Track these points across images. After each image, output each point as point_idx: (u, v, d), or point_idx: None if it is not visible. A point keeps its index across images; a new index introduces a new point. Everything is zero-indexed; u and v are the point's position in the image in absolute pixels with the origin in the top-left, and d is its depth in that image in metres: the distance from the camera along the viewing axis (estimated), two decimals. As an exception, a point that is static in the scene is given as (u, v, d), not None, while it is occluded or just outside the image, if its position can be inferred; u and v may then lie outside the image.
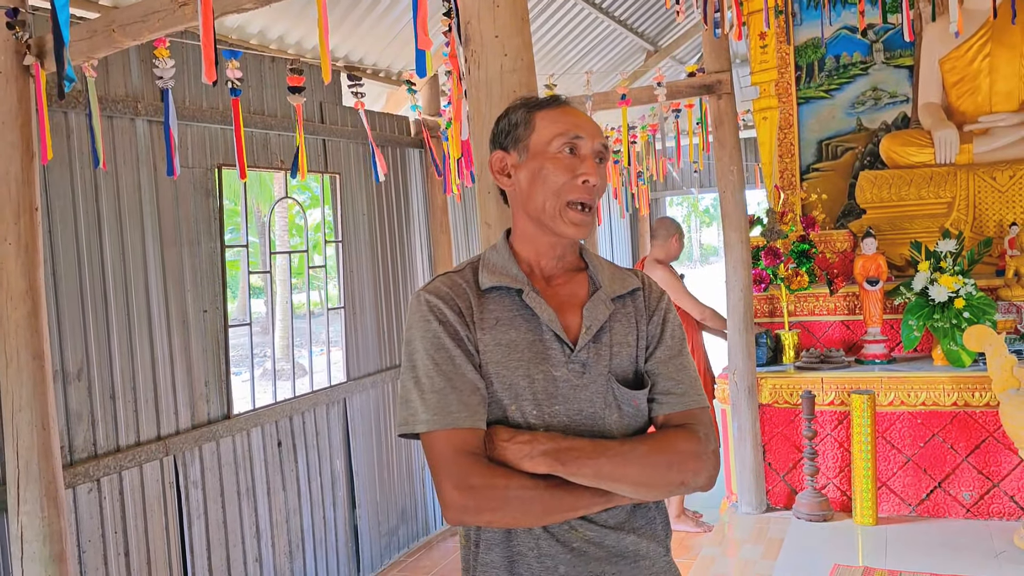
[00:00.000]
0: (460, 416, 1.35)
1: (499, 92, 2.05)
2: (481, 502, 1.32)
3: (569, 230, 1.44)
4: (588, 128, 1.46)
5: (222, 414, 3.95)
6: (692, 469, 1.41)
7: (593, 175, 1.44)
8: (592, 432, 1.41)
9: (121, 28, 2.75)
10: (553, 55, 6.90)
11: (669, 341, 1.51)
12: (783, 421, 4.91)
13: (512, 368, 1.40)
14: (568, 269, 1.52)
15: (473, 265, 1.50)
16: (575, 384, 1.41)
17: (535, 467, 1.33)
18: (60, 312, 3.26)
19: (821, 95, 6.29)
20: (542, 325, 1.43)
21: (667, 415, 1.47)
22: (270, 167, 4.26)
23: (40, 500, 2.94)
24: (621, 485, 1.37)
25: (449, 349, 1.38)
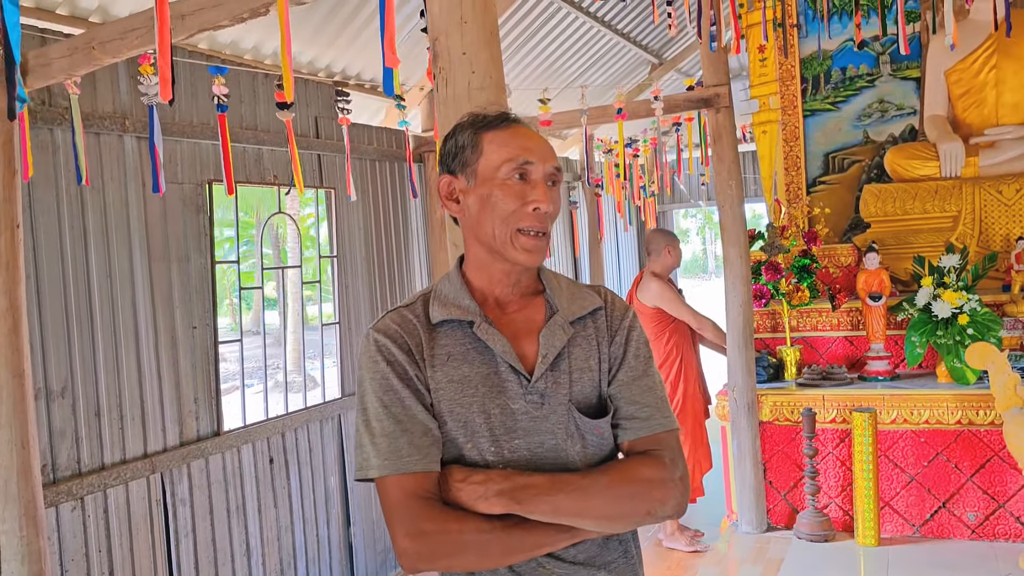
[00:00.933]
0: (411, 460, 1.30)
1: (467, 109, 2.00)
2: (435, 548, 1.27)
3: (520, 257, 1.38)
4: (539, 151, 1.39)
5: (212, 431, 3.92)
6: (658, 498, 1.35)
7: (545, 202, 1.37)
8: (555, 465, 1.35)
9: (101, 46, 2.73)
10: (555, 69, 6.87)
11: (632, 361, 1.43)
12: (784, 439, 4.83)
13: (466, 405, 1.34)
14: (524, 294, 1.45)
15: (425, 297, 1.43)
16: (534, 416, 1.36)
17: (490, 508, 1.28)
18: (44, 329, 3.25)
19: (827, 107, 6.22)
20: (496, 357, 1.37)
21: (632, 441, 1.40)
22: (263, 182, 4.24)
23: (19, 519, 2.91)
24: (583, 520, 1.32)
25: (398, 390, 1.33)
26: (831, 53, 6.21)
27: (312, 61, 4.97)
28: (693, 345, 5.00)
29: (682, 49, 7.77)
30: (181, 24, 2.56)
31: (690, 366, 4.88)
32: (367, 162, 5.01)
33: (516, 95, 6.50)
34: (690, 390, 4.85)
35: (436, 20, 2.07)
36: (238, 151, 4.10)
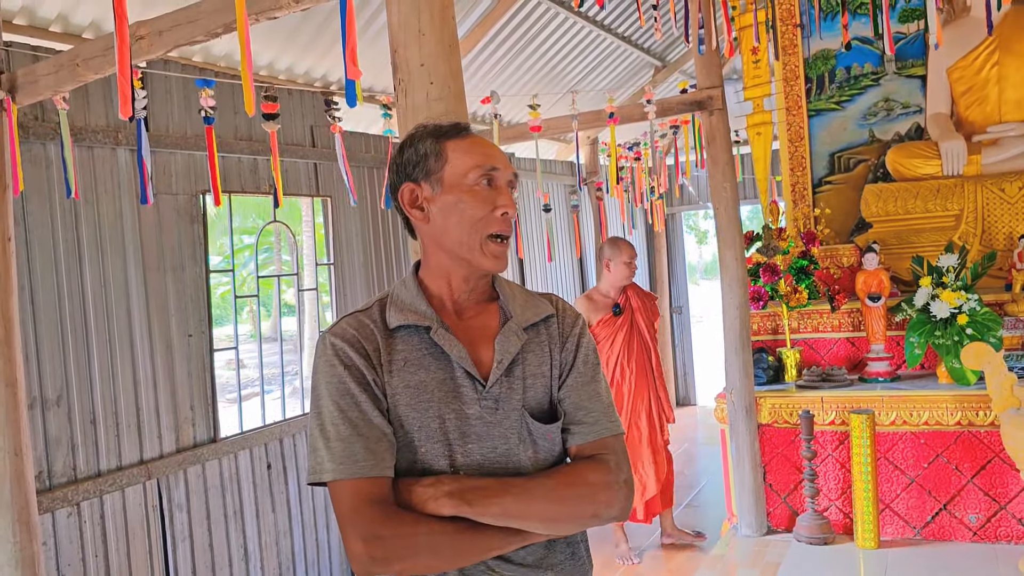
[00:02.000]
0: (366, 465, 1.32)
1: (425, 119, 2.04)
2: (389, 552, 1.29)
3: (489, 263, 1.42)
4: (501, 158, 1.45)
5: (208, 438, 3.98)
6: (603, 501, 1.38)
7: (511, 206, 1.43)
8: (506, 470, 1.38)
9: (84, 62, 2.80)
10: (554, 74, 6.89)
11: (581, 367, 1.47)
12: (783, 441, 4.81)
13: (422, 410, 1.37)
14: (480, 300, 1.49)
15: (381, 302, 1.45)
16: (488, 421, 1.38)
17: (439, 509, 1.31)
18: (39, 339, 3.32)
19: (832, 107, 6.19)
20: (452, 363, 1.39)
21: (579, 446, 1.44)
22: (258, 192, 4.30)
23: (12, 526, 2.98)
24: (530, 522, 1.35)
25: (355, 395, 1.34)
26: (835, 52, 6.18)
27: (308, 71, 5.04)
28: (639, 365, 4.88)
29: (685, 51, 7.75)
30: (159, 40, 2.63)
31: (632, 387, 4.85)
32: (364, 169, 5.06)
33: (515, 101, 6.53)
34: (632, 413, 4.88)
35: (395, 32, 2.10)
36: (232, 161, 4.16)
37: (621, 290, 4.90)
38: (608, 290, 4.87)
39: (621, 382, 4.80)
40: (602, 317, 4.82)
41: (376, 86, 5.48)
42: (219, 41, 4.33)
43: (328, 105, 3.65)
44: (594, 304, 4.84)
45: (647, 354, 4.89)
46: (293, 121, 4.53)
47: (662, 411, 4.95)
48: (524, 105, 6.18)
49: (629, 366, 4.81)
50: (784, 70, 6.05)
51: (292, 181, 4.52)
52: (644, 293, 5.06)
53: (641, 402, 4.80)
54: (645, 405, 4.83)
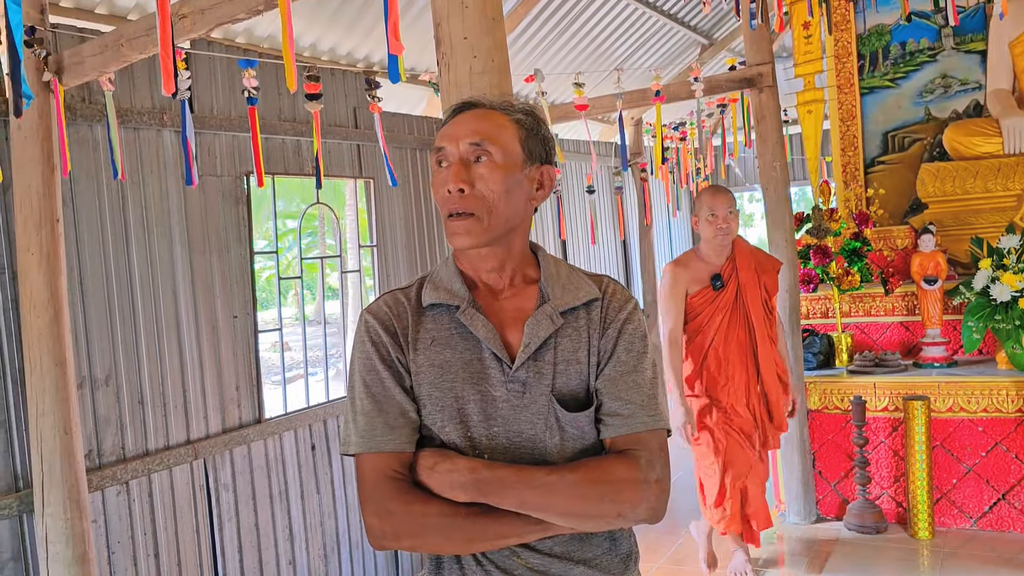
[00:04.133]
0: (384, 440, 1.33)
1: (468, 94, 1.99)
2: (399, 528, 1.30)
3: (453, 241, 1.37)
4: (453, 133, 1.37)
5: (253, 418, 4.00)
6: (628, 500, 1.31)
7: (452, 182, 1.33)
8: (531, 455, 1.34)
9: (128, 43, 2.80)
10: (599, 53, 6.78)
11: (623, 356, 1.39)
12: (834, 428, 4.70)
13: (445, 389, 1.35)
14: (518, 281, 1.43)
15: (422, 280, 1.45)
16: (515, 404, 1.35)
17: (456, 496, 1.30)
18: (88, 319, 3.36)
19: (886, 84, 6.00)
20: (481, 343, 1.36)
21: (612, 439, 1.37)
22: (301, 173, 4.30)
23: (63, 503, 3.02)
24: (550, 515, 1.30)
25: (379, 371, 1.35)
26: (889, 27, 5.98)
27: (350, 52, 5.02)
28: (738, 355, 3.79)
29: (732, 29, 7.58)
30: (201, 19, 2.61)
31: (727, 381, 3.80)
32: (407, 151, 5.03)
33: (558, 80, 6.44)
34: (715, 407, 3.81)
35: (438, 4, 2.05)
36: (276, 143, 4.16)
37: (726, 254, 3.78)
38: (707, 253, 3.81)
39: (716, 374, 3.79)
40: (698, 290, 3.77)
41: (419, 66, 5.44)
42: (262, 21, 4.33)
43: (369, 85, 3.61)
44: (689, 271, 3.79)
45: (750, 343, 3.79)
46: (336, 102, 4.51)
47: (765, 417, 3.85)
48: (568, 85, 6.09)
49: (726, 357, 3.78)
50: (836, 46, 5.87)
51: (335, 163, 4.50)
52: (762, 260, 3.88)
53: (738, 402, 3.78)
54: (743, 405, 3.79)
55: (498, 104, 1.42)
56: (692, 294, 3.77)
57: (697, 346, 3.81)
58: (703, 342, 3.79)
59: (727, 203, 3.69)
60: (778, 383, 3.85)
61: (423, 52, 5.30)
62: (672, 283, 3.78)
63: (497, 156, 1.36)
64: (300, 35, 4.63)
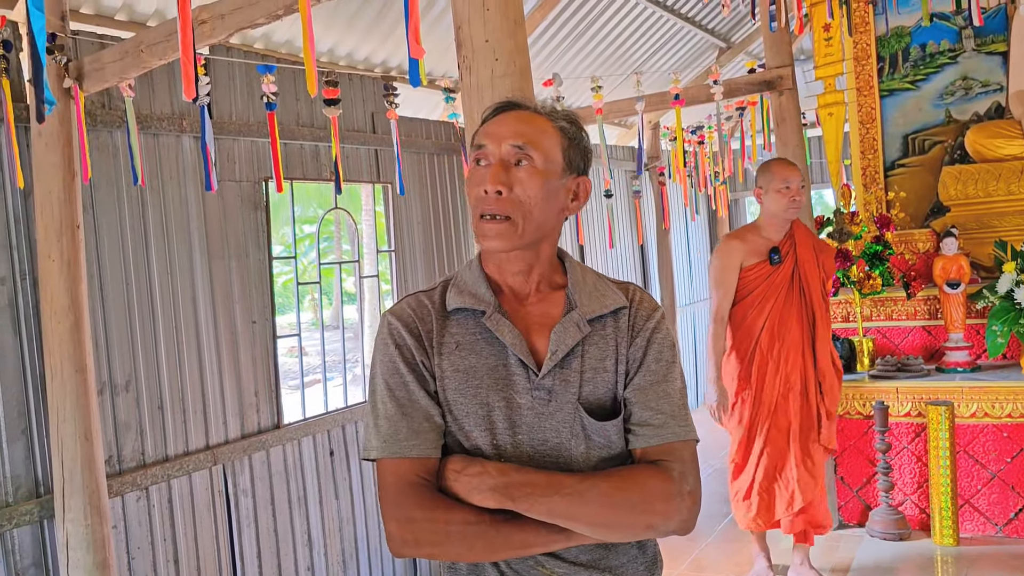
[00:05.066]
0: (408, 445, 1.30)
1: (490, 98, 1.99)
2: (420, 535, 1.28)
3: (483, 243, 1.35)
4: (497, 133, 1.34)
5: (272, 424, 4.00)
6: (660, 511, 1.30)
7: (490, 183, 1.31)
8: (556, 463, 1.32)
9: (148, 48, 2.81)
10: (616, 56, 6.76)
11: (652, 365, 1.37)
12: (856, 433, 4.64)
13: (470, 396, 1.33)
14: (544, 287, 1.41)
15: (445, 284, 1.42)
16: (540, 412, 1.33)
17: (483, 501, 1.27)
18: (108, 325, 3.37)
19: (906, 87, 5.94)
20: (507, 349, 1.34)
21: (643, 449, 1.35)
22: (319, 178, 4.30)
23: (84, 508, 3.03)
24: (578, 525, 1.28)
25: (403, 375, 1.33)
26: (909, 29, 5.92)
27: (368, 57, 5.02)
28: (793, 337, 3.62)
29: (750, 31, 7.54)
30: (221, 23, 2.62)
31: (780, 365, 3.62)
32: (424, 156, 5.03)
33: (576, 84, 6.42)
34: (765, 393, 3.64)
35: (459, 8, 2.05)
36: (295, 148, 4.16)
37: (785, 231, 3.64)
38: (767, 228, 3.64)
39: (767, 356, 3.59)
40: (755, 263, 3.60)
41: (436, 70, 5.44)
42: (280, 27, 4.33)
43: (387, 90, 3.61)
44: (746, 244, 3.64)
45: (808, 324, 3.62)
46: (354, 107, 4.52)
47: (821, 405, 3.66)
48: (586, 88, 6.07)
49: (780, 337, 3.58)
50: (855, 49, 5.82)
51: (353, 168, 4.51)
52: (819, 243, 3.84)
53: (791, 388, 3.60)
54: (797, 393, 3.61)
55: (543, 108, 1.40)
56: (747, 267, 3.61)
57: (748, 326, 3.61)
58: (756, 321, 3.60)
59: (799, 175, 3.57)
60: (833, 370, 3.68)
61: (443, 56, 5.30)
62: (727, 254, 3.64)
63: (538, 161, 1.33)
64: (318, 39, 4.63)
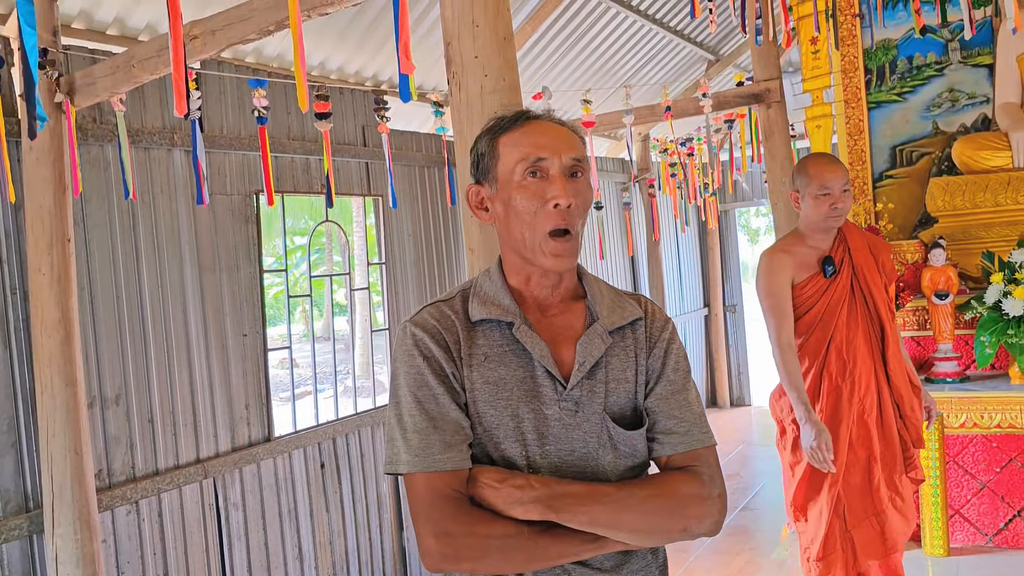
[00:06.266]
0: (442, 458, 1.29)
1: (479, 113, 2.01)
2: (460, 550, 1.27)
3: (549, 263, 1.34)
4: (552, 145, 1.34)
5: (263, 436, 4.00)
6: (695, 515, 1.34)
7: (563, 196, 1.32)
8: (584, 473, 1.34)
9: (140, 63, 2.82)
10: (606, 69, 6.80)
11: (672, 375, 1.41)
12: (846, 444, 4.65)
13: (500, 408, 1.33)
14: (565, 298, 1.42)
15: (464, 294, 1.41)
16: (567, 423, 1.34)
17: (526, 514, 1.27)
18: (98, 339, 3.36)
19: (893, 98, 5.98)
20: (534, 361, 1.35)
21: (669, 456, 1.39)
22: (310, 191, 4.31)
23: (73, 523, 3.02)
24: (619, 532, 1.30)
25: (433, 387, 1.31)
26: (896, 42, 5.97)
27: (359, 71, 5.05)
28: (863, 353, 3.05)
29: (739, 44, 7.60)
30: (212, 39, 2.63)
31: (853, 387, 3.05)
32: (415, 169, 5.04)
33: (567, 96, 6.46)
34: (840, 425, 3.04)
35: (448, 24, 2.06)
36: (286, 161, 4.18)
37: (834, 235, 3.08)
38: (811, 236, 3.09)
39: (837, 382, 3.04)
40: (807, 278, 3.06)
41: (427, 84, 5.47)
42: (271, 42, 4.36)
43: (378, 104, 3.63)
44: (792, 256, 3.08)
45: (876, 339, 3.07)
46: (345, 121, 4.53)
47: (903, 431, 3.08)
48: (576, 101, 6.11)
49: (848, 354, 3.03)
50: (843, 61, 5.86)
51: (344, 181, 4.52)
52: (873, 239, 3.24)
53: (867, 412, 3.03)
54: (873, 421, 3.03)
55: (561, 121, 1.42)
56: (799, 283, 3.07)
57: (813, 348, 3.08)
58: (818, 344, 3.07)
59: (842, 177, 3.01)
60: (910, 387, 3.12)
61: (432, 70, 5.33)
62: (774, 272, 3.07)
63: (587, 174, 1.38)
64: (309, 54, 4.65)
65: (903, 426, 3.08)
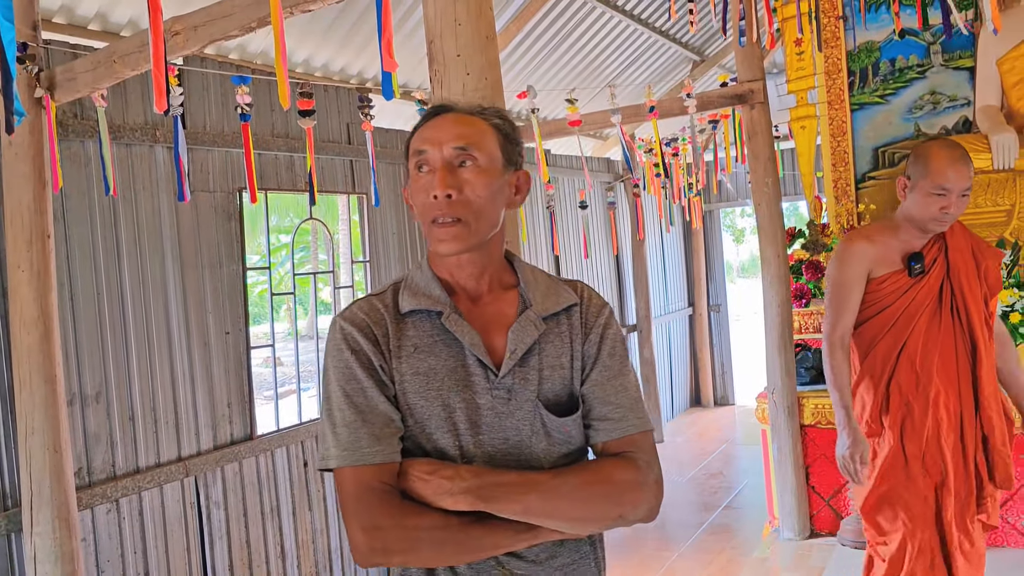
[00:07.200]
0: (371, 451, 1.28)
1: (461, 111, 2.00)
2: (389, 543, 1.26)
3: (439, 248, 1.35)
4: (435, 137, 1.34)
5: (245, 435, 3.98)
6: (630, 501, 1.33)
7: (439, 187, 1.31)
8: (518, 461, 1.33)
9: (121, 59, 2.80)
10: (591, 69, 6.82)
11: (607, 360, 1.40)
12: (827, 443, 4.69)
13: (431, 398, 1.32)
14: (496, 286, 1.42)
15: (395, 286, 1.41)
16: (500, 412, 1.33)
17: (456, 504, 1.26)
18: (78, 336, 3.34)
19: (876, 101, 6.02)
20: (465, 350, 1.34)
21: (605, 443, 1.38)
22: (294, 189, 4.30)
23: (52, 522, 2.99)
24: (553, 520, 1.30)
25: (361, 380, 1.31)
26: (879, 44, 6.02)
27: (343, 68, 5.03)
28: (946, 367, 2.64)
29: (724, 45, 7.63)
30: (194, 35, 2.62)
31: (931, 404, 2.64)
32: (399, 167, 5.04)
33: (551, 96, 6.46)
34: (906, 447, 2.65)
35: (431, 22, 2.06)
36: (269, 158, 4.16)
37: (929, 235, 2.68)
38: (906, 229, 2.69)
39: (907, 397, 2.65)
40: (887, 273, 2.68)
41: (411, 82, 5.46)
42: (255, 38, 4.34)
43: (362, 102, 3.62)
44: (876, 246, 2.70)
45: (966, 357, 2.65)
46: (329, 118, 4.52)
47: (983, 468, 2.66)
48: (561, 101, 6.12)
49: (922, 368, 2.64)
50: (826, 63, 5.90)
51: (328, 178, 4.51)
52: (981, 243, 2.76)
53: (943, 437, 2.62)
54: (952, 442, 2.62)
55: (474, 109, 1.41)
56: (877, 278, 2.69)
57: (882, 354, 2.69)
58: (888, 350, 2.68)
59: (966, 178, 2.54)
60: (1003, 419, 2.67)
61: (416, 69, 5.32)
62: (850, 261, 2.70)
63: (482, 161, 1.35)
64: (293, 51, 4.64)
65: (988, 461, 2.64)
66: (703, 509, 5.79)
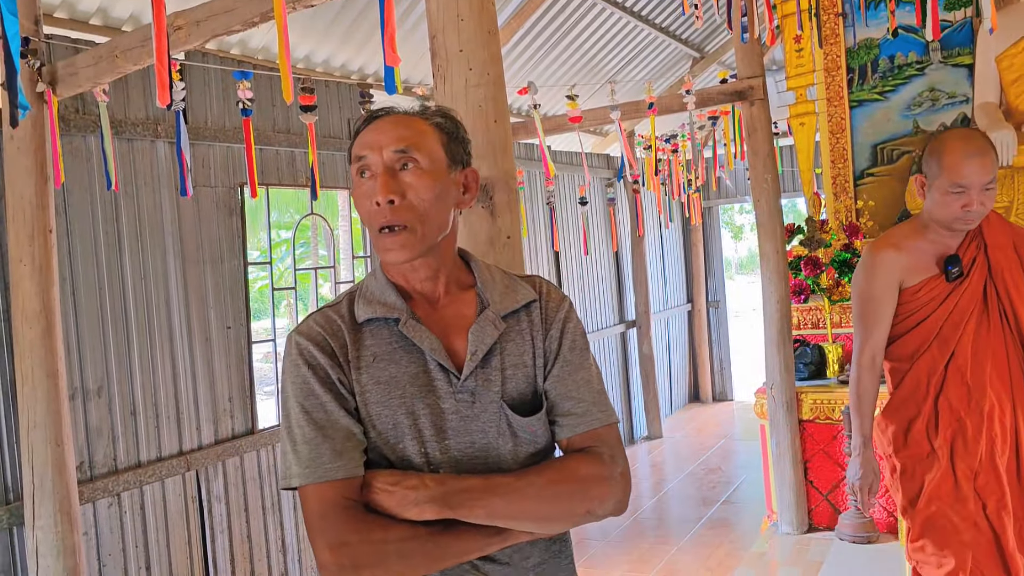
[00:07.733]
0: (333, 467, 1.25)
1: (464, 107, 2.02)
2: (358, 559, 1.22)
3: (386, 257, 1.32)
4: (374, 141, 1.31)
5: (246, 429, 4.00)
6: (597, 496, 1.32)
7: (382, 193, 1.27)
8: (486, 464, 1.31)
9: (123, 54, 2.81)
10: (591, 66, 6.82)
11: (568, 355, 1.37)
12: (825, 438, 4.71)
13: (394, 407, 1.29)
14: (453, 288, 1.39)
15: (351, 296, 1.38)
16: (465, 415, 1.31)
17: (422, 514, 1.23)
18: (80, 330, 3.35)
19: (875, 97, 6.04)
20: (425, 355, 1.31)
21: (569, 438, 1.36)
22: (295, 184, 4.31)
23: (54, 515, 3.01)
24: (521, 522, 1.28)
25: (319, 395, 1.28)
26: (878, 41, 6.03)
27: (345, 64, 5.04)
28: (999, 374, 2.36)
29: (723, 42, 7.64)
30: (197, 30, 2.62)
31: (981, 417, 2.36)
32: (400, 163, 5.04)
33: (551, 92, 6.47)
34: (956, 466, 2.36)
35: (434, 17, 2.07)
36: (271, 154, 4.17)
37: (963, 234, 2.41)
38: (935, 228, 2.40)
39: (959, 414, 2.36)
40: (922, 280, 2.41)
41: (412, 78, 5.47)
42: (256, 33, 4.34)
43: (363, 97, 3.63)
44: (905, 254, 2.43)
45: (1019, 361, 2.38)
46: (330, 113, 4.53)
47: None
48: (561, 97, 6.13)
49: (975, 380, 2.37)
50: (825, 60, 5.92)
51: (329, 174, 4.51)
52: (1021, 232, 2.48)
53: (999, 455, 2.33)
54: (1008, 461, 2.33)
55: (415, 110, 1.38)
56: (911, 287, 2.43)
57: (926, 369, 2.43)
58: (936, 361, 2.41)
59: (986, 171, 2.29)
60: None
61: (418, 65, 5.33)
62: (878, 272, 2.44)
63: (424, 163, 1.31)
64: (295, 47, 4.64)
65: None
66: (702, 504, 5.81)
